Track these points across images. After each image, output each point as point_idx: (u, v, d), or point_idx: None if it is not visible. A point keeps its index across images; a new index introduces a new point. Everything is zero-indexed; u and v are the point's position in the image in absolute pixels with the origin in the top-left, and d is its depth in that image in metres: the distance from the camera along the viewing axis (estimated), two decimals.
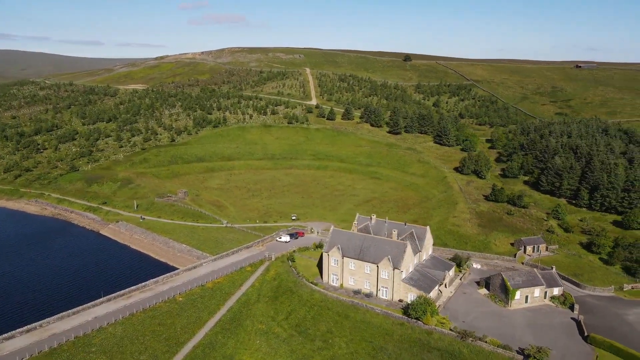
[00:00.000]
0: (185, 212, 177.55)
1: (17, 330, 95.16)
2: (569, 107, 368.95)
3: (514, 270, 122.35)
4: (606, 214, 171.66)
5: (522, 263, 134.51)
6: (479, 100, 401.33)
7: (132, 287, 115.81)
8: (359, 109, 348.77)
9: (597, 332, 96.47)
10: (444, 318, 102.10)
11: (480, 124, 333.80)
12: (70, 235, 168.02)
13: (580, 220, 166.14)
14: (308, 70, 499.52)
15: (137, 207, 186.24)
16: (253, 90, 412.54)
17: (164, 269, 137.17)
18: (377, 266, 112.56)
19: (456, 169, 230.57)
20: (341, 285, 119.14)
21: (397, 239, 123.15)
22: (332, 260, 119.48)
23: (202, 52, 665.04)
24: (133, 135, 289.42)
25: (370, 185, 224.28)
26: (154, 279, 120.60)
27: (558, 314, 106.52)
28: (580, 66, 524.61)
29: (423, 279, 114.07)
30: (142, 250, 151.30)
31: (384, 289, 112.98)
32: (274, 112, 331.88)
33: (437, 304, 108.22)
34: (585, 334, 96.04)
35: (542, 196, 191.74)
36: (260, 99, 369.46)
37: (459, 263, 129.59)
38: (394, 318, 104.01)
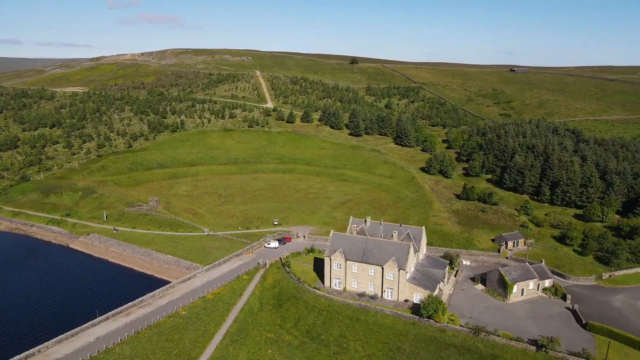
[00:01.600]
0: (162, 222, 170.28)
1: (15, 358, 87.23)
2: (511, 109, 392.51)
3: (505, 265, 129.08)
4: (567, 208, 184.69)
5: (506, 258, 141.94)
6: (427, 102, 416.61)
7: (130, 303, 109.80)
8: (317, 111, 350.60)
9: (591, 319, 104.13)
10: (452, 315, 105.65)
11: (433, 125, 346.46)
12: (38, 251, 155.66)
13: (546, 215, 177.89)
14: (258, 72, 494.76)
15: (106, 217, 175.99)
16: (205, 94, 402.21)
17: (153, 282, 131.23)
18: (382, 268, 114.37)
19: (422, 169, 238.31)
20: (344, 288, 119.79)
21: (400, 239, 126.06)
22: (335, 264, 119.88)
23: (142, 54, 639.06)
24: (84, 142, 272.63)
25: (341, 187, 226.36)
26: (150, 294, 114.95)
27: (553, 304, 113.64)
28: (514, 70, 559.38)
29: (425, 278, 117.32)
30: (123, 264, 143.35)
31: (390, 290, 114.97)
32: (232, 116, 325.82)
33: None
34: (584, 322, 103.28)
35: (507, 193, 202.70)
36: (215, 102, 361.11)
37: (450, 261, 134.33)
38: (405, 318, 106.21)
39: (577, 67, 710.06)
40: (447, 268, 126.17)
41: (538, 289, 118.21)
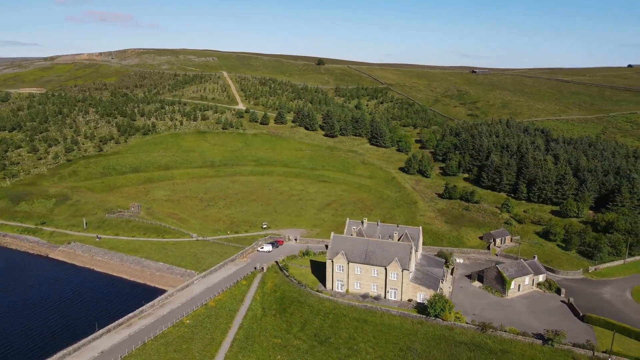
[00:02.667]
0: (146, 228, 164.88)
1: None
2: (477, 109, 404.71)
3: (497, 262, 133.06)
4: (544, 205, 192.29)
5: (496, 255, 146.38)
6: (396, 103, 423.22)
7: (130, 314, 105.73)
8: (290, 112, 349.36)
9: (585, 311, 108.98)
10: (457, 313, 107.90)
11: (404, 125, 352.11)
12: (16, 263, 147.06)
13: (525, 212, 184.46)
14: (225, 73, 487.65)
15: (86, 225, 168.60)
16: (173, 95, 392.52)
17: (147, 290, 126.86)
18: (386, 269, 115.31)
19: (402, 170, 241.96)
20: (347, 290, 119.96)
21: (397, 240, 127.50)
22: (337, 266, 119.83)
23: (101, 53, 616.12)
24: (50, 146, 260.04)
25: (322, 188, 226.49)
26: (150, 303, 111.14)
27: (549, 298, 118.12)
28: (475, 71, 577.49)
29: (427, 278, 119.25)
30: (112, 273, 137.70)
31: (393, 291, 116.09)
32: (204, 118, 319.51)
33: None
34: (581, 314, 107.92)
35: (485, 191, 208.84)
36: (184, 104, 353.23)
37: (445, 259, 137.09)
38: (412, 317, 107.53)
39: (530, 68, 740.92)
40: (444, 267, 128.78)
41: (533, 284, 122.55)
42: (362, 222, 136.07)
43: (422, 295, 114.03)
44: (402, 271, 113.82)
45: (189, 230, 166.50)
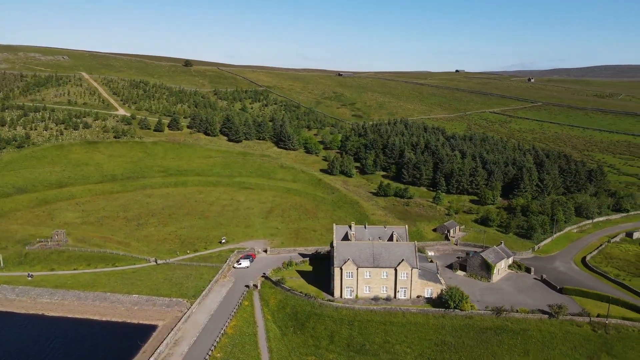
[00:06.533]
0: (88, 257, 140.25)
1: None
2: (359, 110, 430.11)
3: (461, 250, 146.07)
4: (462, 195, 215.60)
5: (455, 244, 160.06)
6: (281, 105, 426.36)
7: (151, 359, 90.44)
8: (185, 118, 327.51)
9: (557, 284, 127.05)
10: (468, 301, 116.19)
11: (298, 127, 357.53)
12: None
13: (449, 203, 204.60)
14: (86, 75, 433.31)
15: (2, 263, 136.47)
16: (30, 100, 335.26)
17: (133, 328, 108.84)
18: (395, 269, 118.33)
19: (324, 171, 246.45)
20: (356, 296, 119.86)
21: (387, 240, 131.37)
22: (346, 273, 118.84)
23: None
24: None
25: (251, 196, 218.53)
26: (164, 343, 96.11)
27: (523, 277, 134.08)
28: (341, 74, 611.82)
29: (427, 273, 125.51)
30: (74, 316, 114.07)
31: (403, 290, 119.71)
32: (86, 126, 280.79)
33: None
34: (558, 287, 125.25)
35: (406, 187, 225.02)
36: (53, 110, 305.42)
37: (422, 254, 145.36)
38: (432, 312, 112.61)
39: (376, 72, 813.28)
40: (429, 261, 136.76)
41: (506, 267, 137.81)
42: (350, 227, 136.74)
43: (429, 290, 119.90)
44: (411, 270, 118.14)
45: (140, 254, 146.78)
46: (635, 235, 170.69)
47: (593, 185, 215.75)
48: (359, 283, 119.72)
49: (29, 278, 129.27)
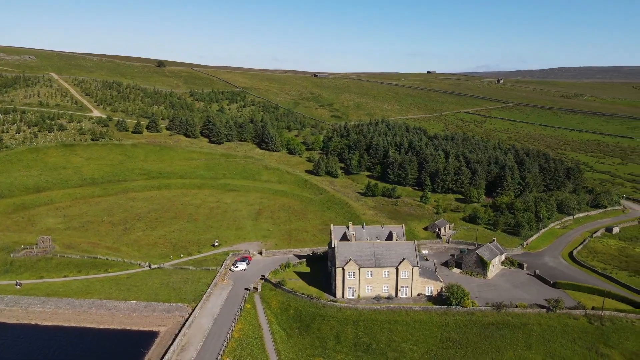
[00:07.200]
0: (79, 264, 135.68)
1: None
2: (337, 111, 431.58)
3: (454, 248, 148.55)
4: (447, 194, 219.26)
5: (447, 242, 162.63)
6: (259, 106, 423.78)
7: None
8: (163, 119, 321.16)
9: (549, 279, 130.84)
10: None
11: (278, 128, 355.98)
12: None
13: (435, 202, 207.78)
14: (55, 75, 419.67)
15: None
16: None
17: (134, 335, 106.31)
18: (397, 268, 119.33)
19: (309, 172, 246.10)
20: (358, 296, 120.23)
21: (384, 239, 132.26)
22: (348, 273, 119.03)
23: None
24: None
25: (238, 198, 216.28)
26: (171, 349, 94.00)
27: (517, 273, 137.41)
28: (317, 75, 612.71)
29: (426, 271, 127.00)
30: (69, 324, 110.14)
31: (404, 288, 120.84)
32: (61, 128, 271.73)
33: None
34: (551, 282, 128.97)
35: (393, 186, 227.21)
36: (24, 112, 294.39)
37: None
38: (435, 310, 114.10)
39: (349, 73, 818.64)
40: (426, 259, 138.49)
41: (499, 263, 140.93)
42: (348, 227, 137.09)
43: (429, 288, 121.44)
44: (413, 268, 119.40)
45: (132, 259, 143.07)
46: (615, 230, 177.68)
47: (571, 182, 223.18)
48: (361, 283, 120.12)
49: (18, 287, 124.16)
